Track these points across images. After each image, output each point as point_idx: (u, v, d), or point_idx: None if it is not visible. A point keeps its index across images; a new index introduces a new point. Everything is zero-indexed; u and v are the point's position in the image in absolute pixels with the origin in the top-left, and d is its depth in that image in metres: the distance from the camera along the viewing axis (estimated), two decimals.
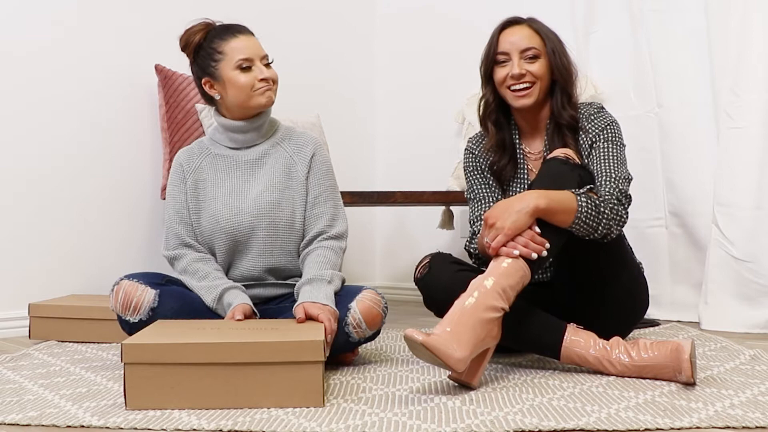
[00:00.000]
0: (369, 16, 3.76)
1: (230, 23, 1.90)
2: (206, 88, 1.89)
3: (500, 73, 1.89)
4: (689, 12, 2.62)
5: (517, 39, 1.88)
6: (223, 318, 1.78)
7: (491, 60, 1.91)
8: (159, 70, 2.78)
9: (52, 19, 2.61)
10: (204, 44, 1.87)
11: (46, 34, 2.60)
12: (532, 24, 1.91)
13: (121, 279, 1.73)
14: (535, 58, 1.87)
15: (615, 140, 1.84)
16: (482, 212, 1.94)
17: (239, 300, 1.77)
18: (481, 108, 1.98)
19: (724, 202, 2.47)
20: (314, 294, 1.72)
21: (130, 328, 1.70)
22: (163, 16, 2.90)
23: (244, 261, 1.87)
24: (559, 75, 1.88)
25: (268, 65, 1.88)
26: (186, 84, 2.78)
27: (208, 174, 1.91)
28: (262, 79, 1.84)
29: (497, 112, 1.96)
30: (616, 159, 1.80)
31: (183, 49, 1.91)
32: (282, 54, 1.99)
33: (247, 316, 1.73)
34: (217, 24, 1.91)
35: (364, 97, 3.75)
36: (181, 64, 2.83)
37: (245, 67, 1.84)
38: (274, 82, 1.89)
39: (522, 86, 1.87)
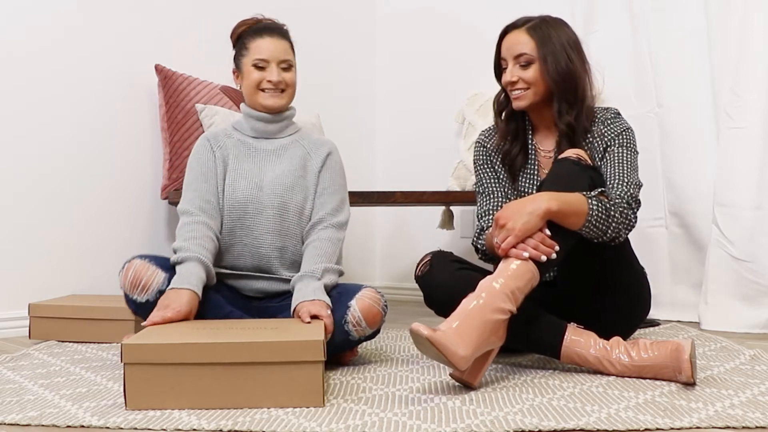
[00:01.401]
0: (369, 16, 3.76)
1: (269, 24, 1.99)
2: (234, 77, 2.01)
3: (503, 77, 1.92)
4: (689, 12, 2.62)
5: (510, 45, 1.89)
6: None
7: (497, 66, 1.95)
8: (159, 70, 2.78)
9: (52, 19, 2.61)
10: (242, 37, 1.98)
11: (46, 34, 2.59)
12: (530, 28, 1.87)
13: (134, 258, 1.74)
14: (528, 64, 1.86)
15: (629, 146, 1.85)
16: (490, 207, 1.95)
17: (178, 284, 1.70)
18: (495, 105, 2.01)
19: (724, 202, 2.47)
20: (303, 293, 1.75)
21: (137, 308, 1.71)
22: (163, 16, 2.90)
23: (251, 236, 1.89)
24: (552, 82, 1.85)
25: (287, 69, 1.96)
26: (186, 84, 2.78)
27: (230, 152, 1.97)
28: (269, 81, 1.92)
29: (510, 110, 1.97)
30: (629, 164, 1.81)
31: (230, 38, 2.02)
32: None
33: (168, 319, 1.63)
34: (265, 21, 2.01)
35: (365, 97, 3.75)
36: (181, 64, 2.85)
37: (260, 66, 1.93)
38: (288, 85, 1.96)
39: (516, 91, 1.88)
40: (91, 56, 2.70)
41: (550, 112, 1.92)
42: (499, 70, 1.95)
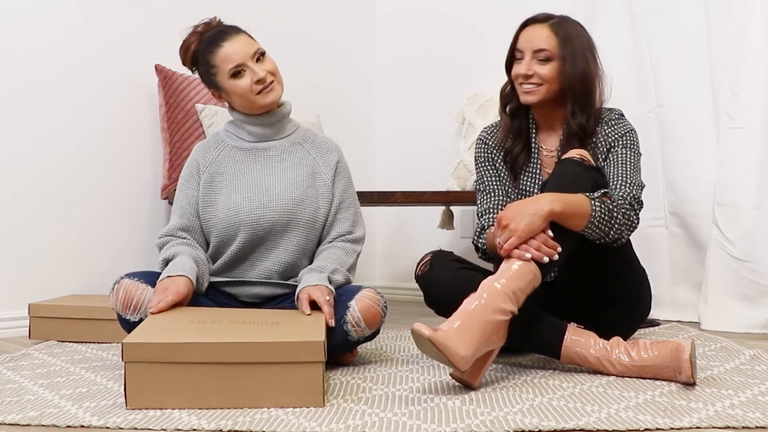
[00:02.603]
0: (369, 16, 3.75)
1: (215, 31, 1.88)
2: (216, 98, 1.94)
3: (515, 69, 1.90)
4: (689, 12, 2.62)
5: (532, 39, 1.87)
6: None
7: (510, 56, 1.92)
8: (159, 70, 2.78)
9: (52, 19, 2.61)
10: (198, 58, 1.89)
11: (46, 34, 2.59)
12: (554, 25, 1.87)
13: (122, 278, 1.73)
14: (546, 60, 1.85)
15: (633, 147, 1.85)
16: (491, 205, 1.95)
17: (171, 272, 1.71)
18: (500, 97, 1.99)
19: (724, 202, 2.47)
20: (308, 281, 1.76)
21: (130, 327, 1.69)
22: (163, 16, 2.90)
23: (257, 252, 1.87)
24: (568, 83, 1.84)
25: (262, 58, 1.86)
26: (186, 84, 2.78)
27: (226, 167, 1.91)
28: (258, 81, 1.83)
29: (515, 104, 1.96)
30: (632, 165, 1.81)
31: (183, 63, 1.93)
32: (282, 54, 1.99)
33: (171, 302, 1.64)
34: (203, 27, 1.90)
35: (364, 97, 3.75)
36: (181, 64, 2.84)
37: (238, 73, 1.84)
38: (274, 74, 1.87)
39: (529, 86, 1.87)
40: (91, 56, 2.70)
41: (557, 111, 1.92)
42: (511, 61, 1.93)
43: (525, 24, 1.91)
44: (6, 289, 2.47)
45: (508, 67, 1.94)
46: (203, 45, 1.88)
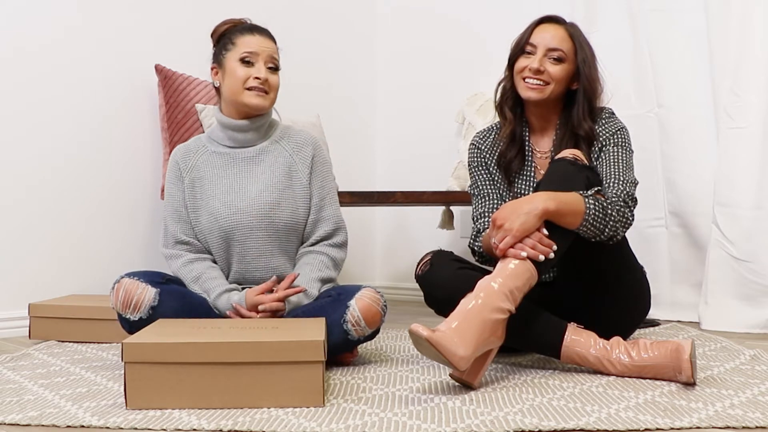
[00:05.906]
0: (369, 15, 3.76)
1: (255, 25, 1.95)
2: (212, 74, 1.95)
3: (521, 62, 1.89)
4: (689, 12, 2.62)
5: (548, 36, 1.87)
6: (223, 315, 1.80)
7: (519, 49, 1.91)
8: (159, 70, 2.78)
9: (52, 19, 2.61)
10: (227, 34, 1.92)
11: (46, 33, 2.59)
12: (569, 28, 1.90)
13: (122, 277, 1.73)
14: (559, 60, 1.86)
15: (624, 145, 1.85)
16: (486, 209, 1.95)
17: (234, 300, 1.80)
18: (499, 93, 1.98)
19: (724, 202, 2.47)
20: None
21: (130, 327, 1.70)
22: (163, 16, 2.90)
23: (243, 261, 1.87)
24: (588, 84, 1.87)
25: (272, 70, 1.90)
26: (186, 84, 2.78)
27: (205, 172, 1.92)
28: (257, 78, 1.86)
29: (513, 100, 1.96)
30: (624, 163, 1.81)
31: (211, 36, 1.97)
32: (282, 54, 1.99)
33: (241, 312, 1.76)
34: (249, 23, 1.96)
35: (364, 97, 3.75)
36: (181, 64, 2.85)
37: (247, 61, 1.87)
38: (272, 88, 1.90)
39: (535, 81, 1.86)
40: (91, 56, 2.70)
41: (552, 112, 1.93)
42: (517, 55, 1.91)
43: (541, 21, 1.91)
44: (6, 289, 2.47)
45: (513, 60, 1.93)
46: (240, 27, 1.92)
